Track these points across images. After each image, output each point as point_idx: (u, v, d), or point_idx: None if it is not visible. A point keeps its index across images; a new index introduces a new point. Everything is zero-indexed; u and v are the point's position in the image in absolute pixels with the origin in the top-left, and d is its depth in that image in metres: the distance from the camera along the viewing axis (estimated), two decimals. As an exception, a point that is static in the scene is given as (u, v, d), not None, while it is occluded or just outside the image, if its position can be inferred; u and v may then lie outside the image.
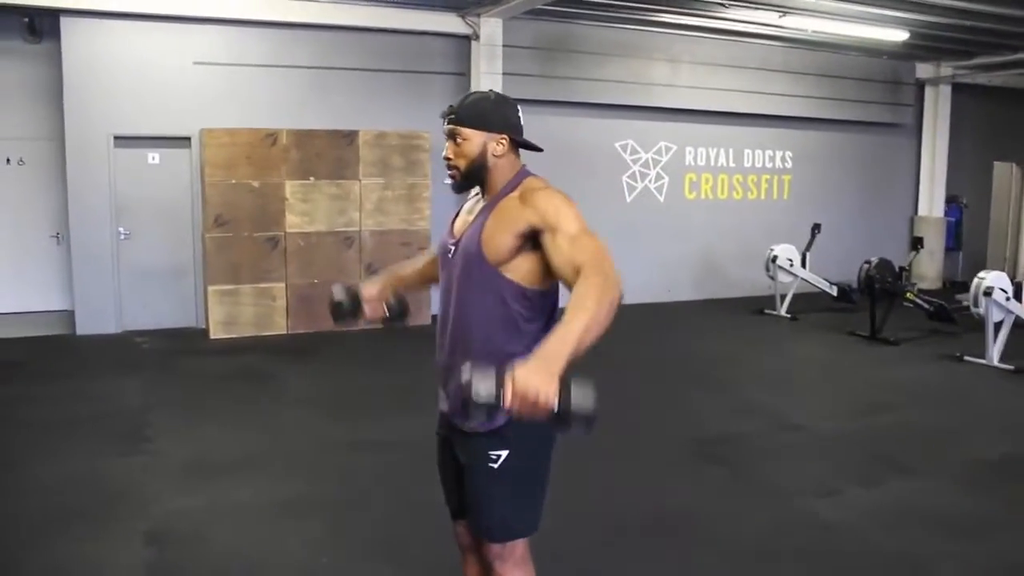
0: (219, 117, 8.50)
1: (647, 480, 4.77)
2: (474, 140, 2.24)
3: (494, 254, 2.19)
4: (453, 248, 2.31)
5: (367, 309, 2.63)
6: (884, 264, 8.75)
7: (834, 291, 10.18)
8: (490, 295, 2.21)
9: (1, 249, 9.01)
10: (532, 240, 2.16)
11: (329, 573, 3.60)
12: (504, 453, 2.24)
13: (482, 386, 1.80)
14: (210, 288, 8.38)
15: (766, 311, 10.13)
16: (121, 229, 8.57)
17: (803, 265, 10.08)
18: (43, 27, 8.46)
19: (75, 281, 8.46)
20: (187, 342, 8.22)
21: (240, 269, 8.45)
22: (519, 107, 2.34)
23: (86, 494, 4.35)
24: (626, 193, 10.87)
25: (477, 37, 9.42)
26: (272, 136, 8.48)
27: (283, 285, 8.63)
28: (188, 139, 8.61)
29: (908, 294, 8.89)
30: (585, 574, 3.62)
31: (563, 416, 1.78)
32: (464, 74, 9.62)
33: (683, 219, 11.14)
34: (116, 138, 8.39)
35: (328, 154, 8.71)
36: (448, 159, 2.28)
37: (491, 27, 9.40)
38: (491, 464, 2.24)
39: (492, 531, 2.32)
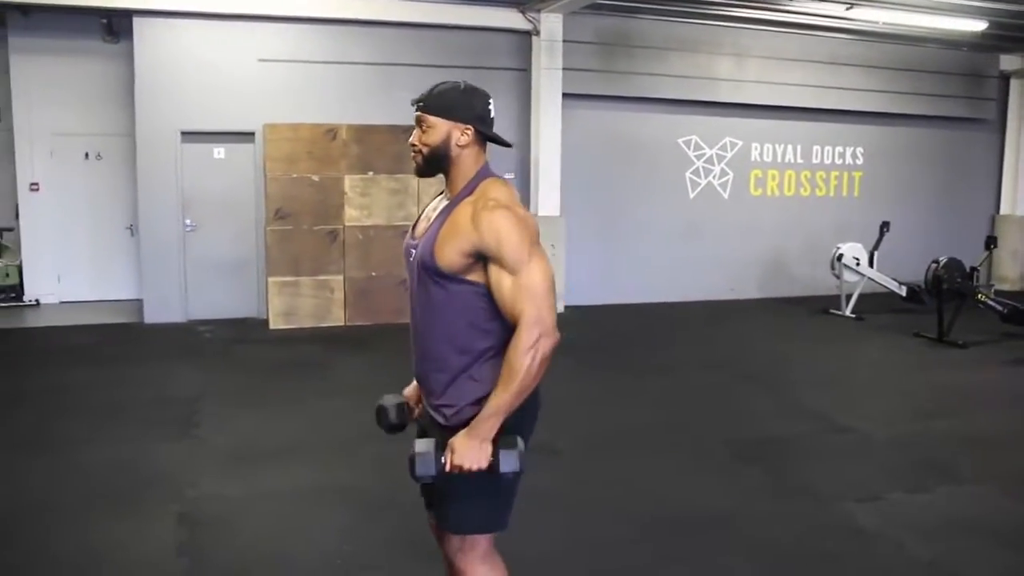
0: (282, 113, 8.71)
1: (684, 478, 4.71)
2: (439, 128, 2.25)
3: (446, 265, 2.19)
4: (413, 251, 2.32)
5: (417, 411, 2.54)
6: (953, 264, 8.42)
7: (903, 291, 9.83)
8: (449, 296, 2.22)
9: (80, 241, 9.48)
10: (482, 259, 2.17)
11: (350, 561, 3.65)
12: None
13: (421, 462, 2.18)
14: (270, 280, 8.61)
15: (831, 311, 9.86)
16: (188, 221, 8.87)
17: (870, 264, 9.77)
18: (120, 28, 8.83)
19: (143, 271, 8.79)
20: (248, 332, 8.46)
21: (300, 261, 8.65)
22: (490, 99, 2.32)
23: (128, 477, 4.51)
24: (689, 189, 10.72)
25: (537, 33, 9.42)
26: (332, 131, 8.65)
27: (341, 278, 8.80)
28: (252, 134, 8.85)
29: (980, 295, 8.52)
30: (607, 572, 3.59)
31: (495, 472, 2.16)
32: (525, 70, 9.63)
33: (748, 216, 10.93)
34: (184, 133, 8.69)
35: (387, 149, 8.82)
36: (413, 145, 2.30)
37: (551, 23, 9.38)
38: None
39: (453, 523, 2.32)
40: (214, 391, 6.27)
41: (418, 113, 2.28)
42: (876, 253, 9.88)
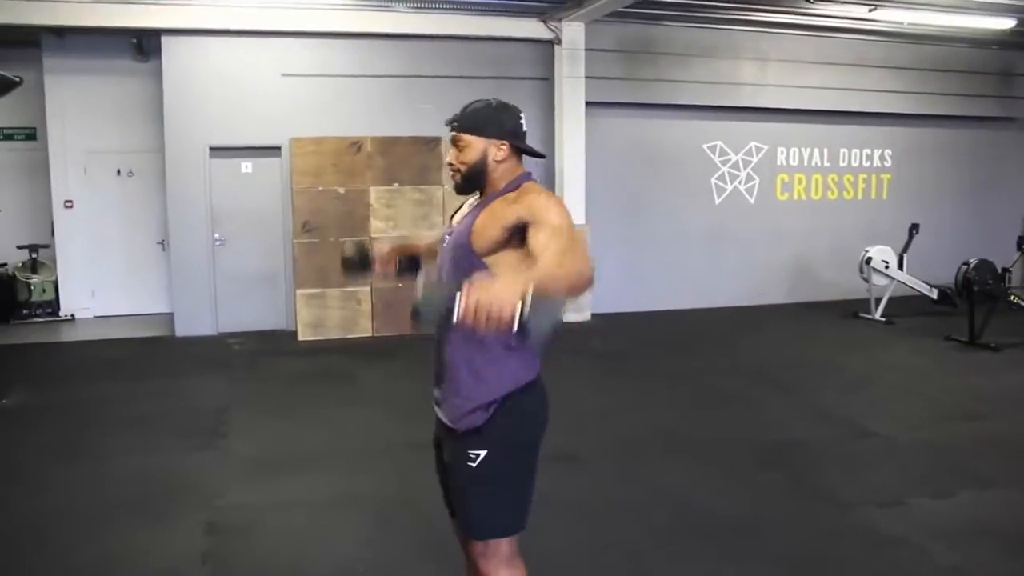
0: (307, 126, 8.83)
1: (707, 483, 4.70)
2: (475, 146, 2.32)
3: (481, 244, 2.24)
4: (447, 237, 2.40)
5: (378, 262, 2.73)
6: (984, 265, 8.31)
7: (934, 294, 9.71)
8: None
9: (113, 256, 9.68)
10: (520, 235, 2.21)
11: (372, 569, 3.69)
12: (483, 453, 2.28)
13: (426, 295, 1.86)
14: (298, 292, 8.72)
15: (860, 315, 9.76)
16: (217, 235, 9.01)
17: (900, 267, 9.67)
18: (150, 47, 9.02)
19: (174, 285, 8.95)
20: (276, 344, 8.58)
21: (327, 273, 8.73)
22: (521, 113, 2.40)
23: (155, 486, 4.60)
24: (715, 195, 10.69)
25: (560, 42, 9.45)
26: (357, 144, 8.75)
27: (368, 289, 8.88)
28: (278, 148, 8.98)
29: (1012, 297, 8.40)
30: (620, 572, 3.61)
31: (522, 333, 1.71)
32: (547, 79, 9.68)
33: (775, 221, 10.87)
34: (212, 149, 8.84)
35: (412, 160, 8.92)
36: (451, 164, 2.38)
37: (573, 31, 9.41)
38: (469, 463, 2.29)
39: (473, 529, 2.37)
40: (242, 402, 6.38)
41: (452, 133, 2.35)
42: (905, 256, 9.77)
